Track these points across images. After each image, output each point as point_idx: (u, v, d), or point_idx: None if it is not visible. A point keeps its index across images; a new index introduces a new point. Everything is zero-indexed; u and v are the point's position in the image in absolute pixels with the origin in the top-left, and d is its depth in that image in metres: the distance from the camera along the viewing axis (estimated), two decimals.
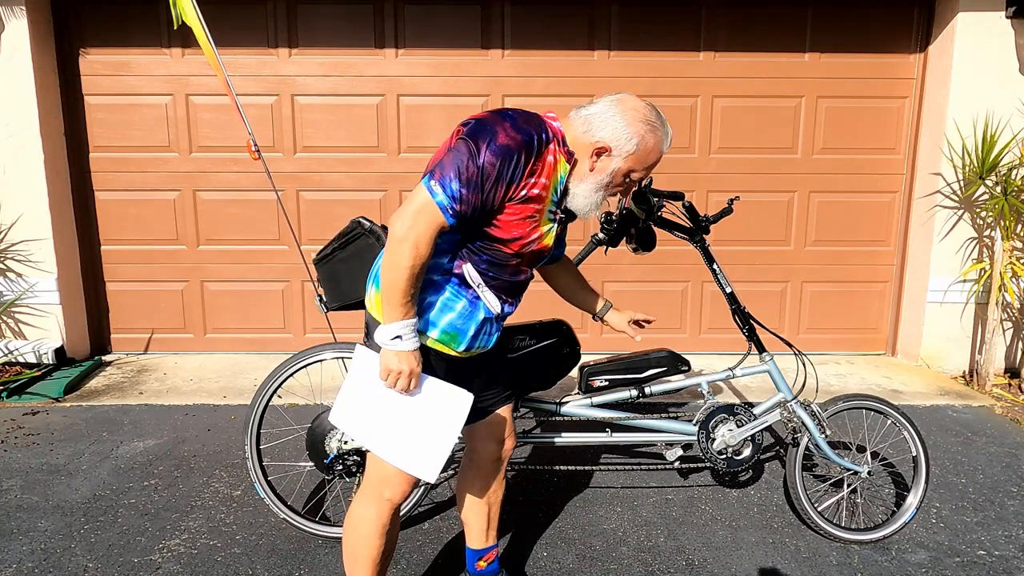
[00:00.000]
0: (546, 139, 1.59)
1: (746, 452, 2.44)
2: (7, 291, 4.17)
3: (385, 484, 1.74)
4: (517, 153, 1.52)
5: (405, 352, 1.58)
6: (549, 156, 1.60)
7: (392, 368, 1.59)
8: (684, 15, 4.29)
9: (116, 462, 3.03)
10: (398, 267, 1.52)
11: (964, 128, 4.14)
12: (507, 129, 1.53)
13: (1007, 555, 2.41)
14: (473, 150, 1.51)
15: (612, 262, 4.48)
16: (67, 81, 4.24)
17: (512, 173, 1.52)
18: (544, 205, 1.63)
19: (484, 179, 1.50)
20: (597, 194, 1.69)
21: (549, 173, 1.60)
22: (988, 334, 4.09)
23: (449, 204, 1.50)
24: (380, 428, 1.66)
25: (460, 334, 1.69)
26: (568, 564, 2.34)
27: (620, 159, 1.65)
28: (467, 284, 1.66)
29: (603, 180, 1.66)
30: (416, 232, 1.51)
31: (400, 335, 1.56)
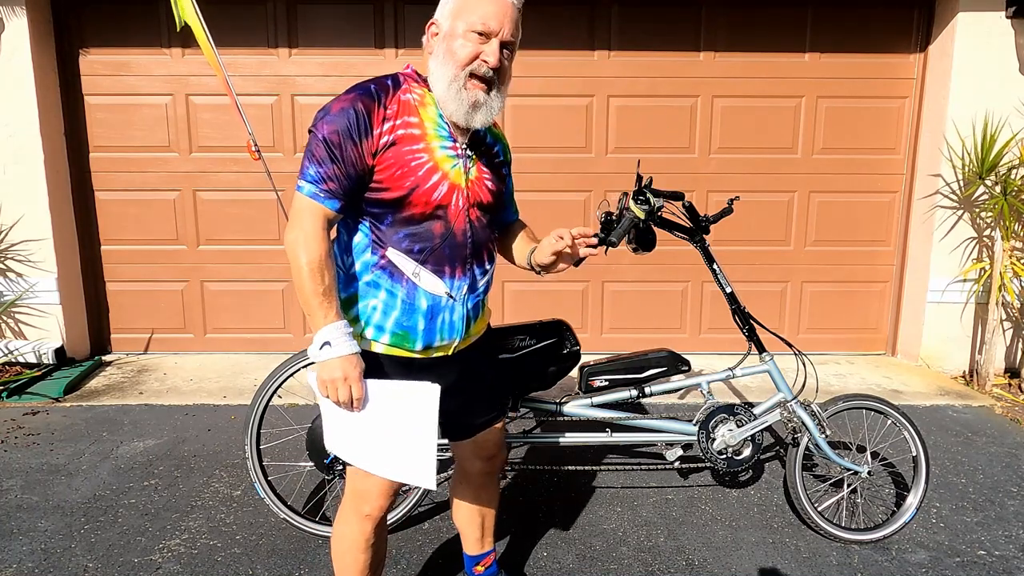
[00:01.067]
0: (391, 83, 1.52)
1: (746, 452, 2.44)
2: (7, 291, 4.17)
3: (362, 500, 1.66)
4: (352, 107, 1.46)
5: (337, 358, 1.46)
6: (405, 95, 1.52)
7: (326, 379, 1.48)
8: (684, 15, 4.29)
9: (116, 462, 3.03)
10: (298, 271, 1.45)
11: (964, 128, 4.14)
12: (340, 98, 1.49)
13: (1007, 555, 2.41)
14: (315, 132, 1.47)
15: (612, 262, 4.48)
16: (67, 81, 4.24)
17: (358, 126, 1.45)
18: (428, 143, 1.51)
19: (333, 148, 1.44)
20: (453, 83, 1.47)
21: (413, 111, 1.51)
22: (988, 334, 4.09)
23: (317, 188, 1.45)
24: (361, 445, 1.57)
25: (410, 331, 1.57)
26: (568, 564, 2.34)
27: (446, 20, 1.49)
28: (399, 274, 1.54)
29: (441, 55, 1.48)
30: (301, 230, 1.46)
31: (328, 341, 1.46)
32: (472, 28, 1.46)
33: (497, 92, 1.53)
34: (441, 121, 1.54)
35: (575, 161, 4.42)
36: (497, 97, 1.53)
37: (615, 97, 4.36)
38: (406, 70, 1.59)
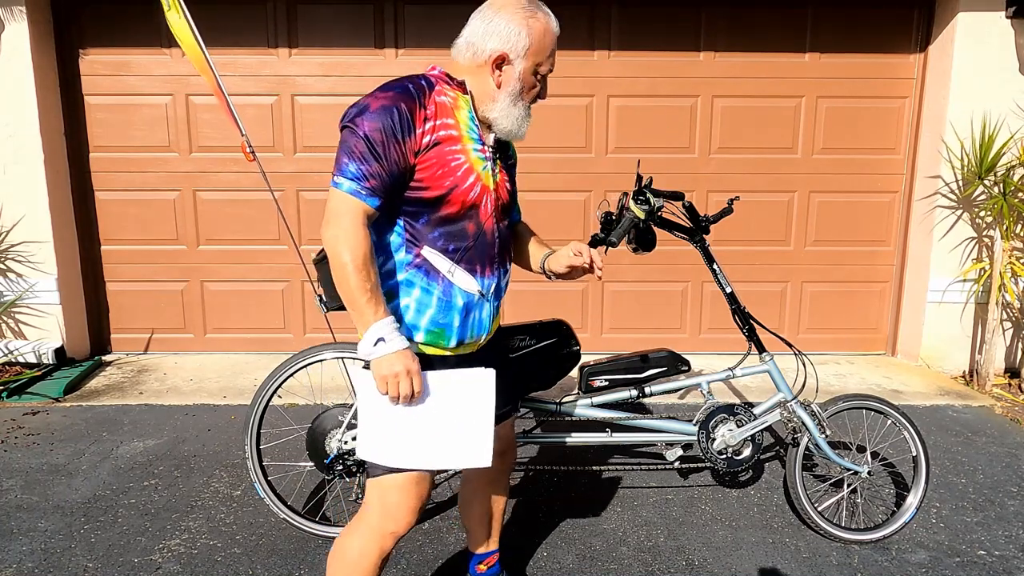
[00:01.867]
0: (426, 84, 1.52)
1: (746, 452, 2.44)
2: (7, 291, 4.17)
3: (390, 517, 1.61)
4: (395, 107, 1.45)
5: (395, 353, 1.46)
6: (439, 97, 1.53)
7: (387, 374, 1.46)
8: (684, 15, 4.30)
9: (116, 462, 3.03)
10: (341, 268, 1.44)
11: (963, 128, 4.14)
12: (377, 96, 1.48)
13: (1007, 555, 2.41)
14: (352, 129, 1.46)
15: (612, 262, 4.48)
16: (67, 81, 4.24)
17: (401, 126, 1.45)
18: (464, 145, 1.55)
19: (375, 145, 1.44)
20: (516, 106, 1.60)
21: (449, 113, 1.53)
22: (988, 334, 4.09)
23: (358, 185, 1.44)
24: (414, 442, 1.55)
25: (446, 328, 1.59)
26: (568, 564, 2.34)
27: (520, 60, 1.57)
28: (435, 272, 1.56)
29: (515, 88, 1.58)
30: (341, 227, 1.44)
31: (382, 337, 1.45)
32: (542, 72, 1.62)
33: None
34: (472, 124, 1.58)
35: (575, 161, 4.42)
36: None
37: (615, 97, 4.36)
38: (433, 71, 1.60)
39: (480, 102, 1.59)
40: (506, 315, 4.59)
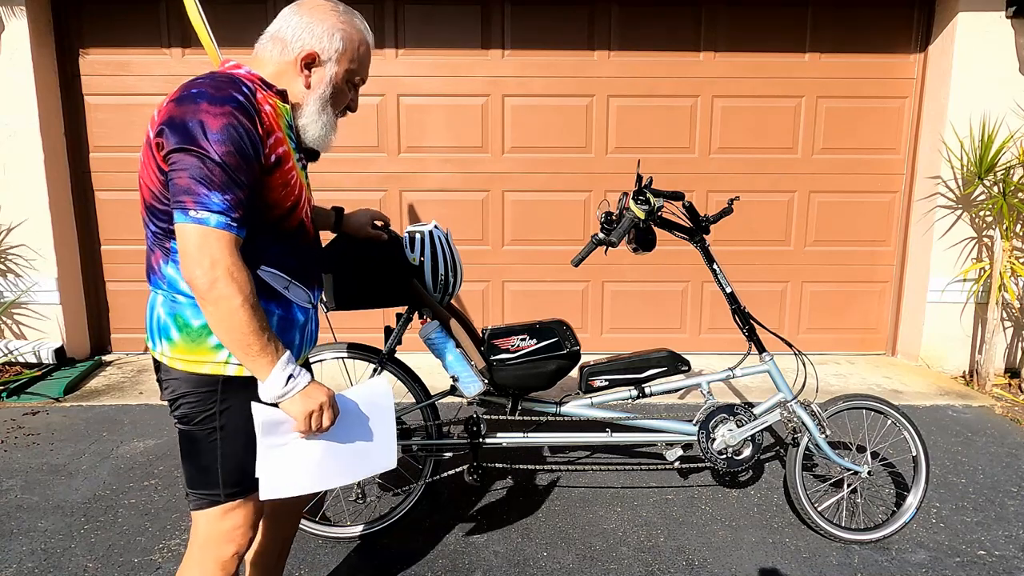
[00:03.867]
0: (250, 91, 1.37)
1: (746, 452, 2.44)
2: (7, 291, 4.17)
3: (226, 540, 1.49)
4: (240, 125, 1.30)
5: (309, 386, 1.38)
6: (266, 105, 1.39)
7: (311, 410, 1.38)
8: (684, 15, 4.30)
9: (116, 462, 3.03)
10: (232, 311, 1.28)
11: (963, 128, 4.14)
12: (208, 110, 1.28)
13: (1007, 555, 2.41)
14: (198, 152, 1.27)
15: (612, 262, 4.48)
16: (67, 81, 4.24)
17: (252, 146, 1.32)
18: (293, 159, 1.45)
19: (234, 171, 1.29)
20: (325, 113, 1.51)
21: (276, 124, 1.40)
22: (988, 334, 4.09)
23: (227, 218, 1.28)
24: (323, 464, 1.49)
25: (290, 347, 1.51)
26: (568, 564, 2.34)
27: (332, 63, 1.49)
28: (272, 292, 1.46)
29: (324, 93, 1.50)
30: (222, 266, 1.27)
31: (291, 374, 1.35)
32: (353, 80, 1.55)
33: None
34: (291, 132, 1.48)
35: (575, 161, 4.42)
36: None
37: (615, 97, 4.36)
38: (239, 71, 1.45)
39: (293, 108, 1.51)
40: (506, 315, 4.59)
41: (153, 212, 1.38)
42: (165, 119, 1.30)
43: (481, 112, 4.34)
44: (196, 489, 1.48)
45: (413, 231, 2.24)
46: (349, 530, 2.46)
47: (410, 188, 4.42)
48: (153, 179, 1.35)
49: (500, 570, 2.29)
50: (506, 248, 4.51)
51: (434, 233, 2.25)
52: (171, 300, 1.42)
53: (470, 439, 2.42)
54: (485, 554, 2.38)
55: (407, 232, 2.25)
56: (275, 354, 1.34)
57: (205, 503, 1.48)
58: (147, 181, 1.37)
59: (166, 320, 1.43)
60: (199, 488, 1.48)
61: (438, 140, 4.38)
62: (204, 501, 1.48)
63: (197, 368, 1.42)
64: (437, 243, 2.23)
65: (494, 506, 2.70)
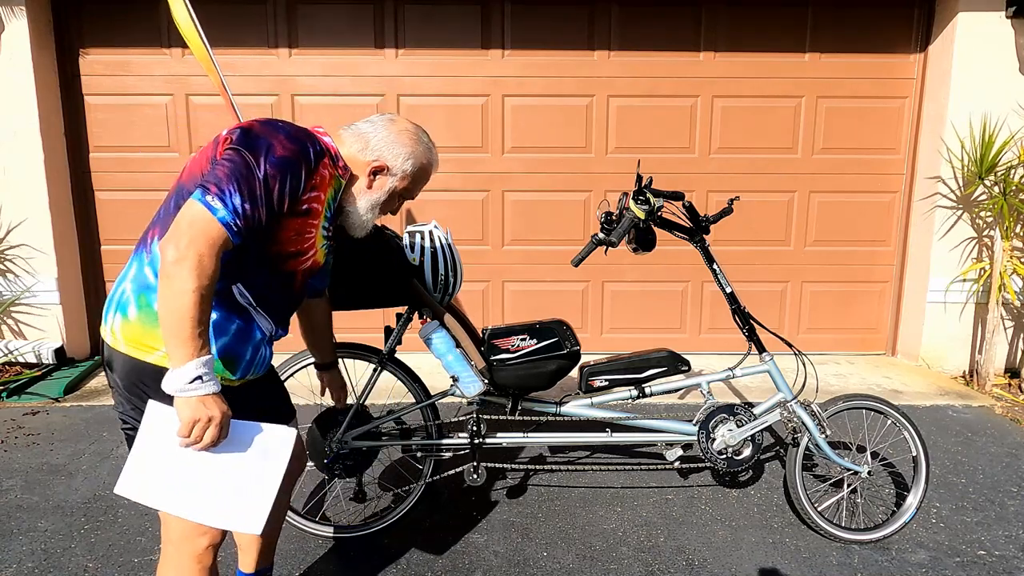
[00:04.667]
0: (320, 151, 1.51)
1: (746, 452, 2.44)
2: (7, 291, 4.17)
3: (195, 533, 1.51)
4: (296, 164, 1.43)
5: (211, 396, 1.34)
6: (324, 170, 1.52)
7: (198, 417, 1.33)
8: (684, 15, 4.30)
9: (116, 462, 3.03)
10: (182, 292, 1.28)
11: (963, 128, 4.14)
12: (282, 141, 1.43)
13: (1007, 555, 2.41)
14: (251, 161, 1.38)
15: (612, 262, 4.48)
16: (67, 81, 4.24)
17: (293, 186, 1.43)
18: (319, 220, 1.55)
19: (267, 192, 1.38)
20: (371, 212, 1.68)
21: (325, 187, 1.54)
22: (988, 334, 4.09)
23: (232, 220, 1.34)
24: (188, 488, 1.40)
25: (238, 359, 1.52)
26: (568, 564, 2.34)
27: (397, 178, 1.67)
28: (238, 307, 1.50)
29: (379, 198, 1.67)
30: (197, 250, 1.30)
31: (200, 375, 1.32)
32: (406, 196, 1.73)
33: None
34: (331, 204, 1.60)
35: (575, 161, 4.42)
36: None
37: (615, 97, 4.36)
38: (323, 136, 1.58)
39: (346, 192, 1.64)
40: (506, 315, 4.59)
41: (181, 191, 1.45)
42: (246, 126, 1.44)
43: (481, 112, 4.34)
44: None
45: (413, 231, 2.25)
46: (349, 530, 2.46)
47: None
48: (205, 165, 1.44)
49: (500, 570, 2.29)
50: (506, 248, 4.51)
51: (434, 233, 2.25)
52: (143, 276, 1.44)
53: (470, 439, 2.42)
54: (485, 554, 2.38)
55: (407, 232, 2.25)
56: (197, 350, 1.32)
57: None
58: (195, 169, 1.46)
59: (130, 295, 1.44)
60: None
61: (438, 140, 4.35)
62: None
63: (143, 355, 1.43)
64: (437, 243, 2.24)
65: (494, 506, 2.70)
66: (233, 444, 1.42)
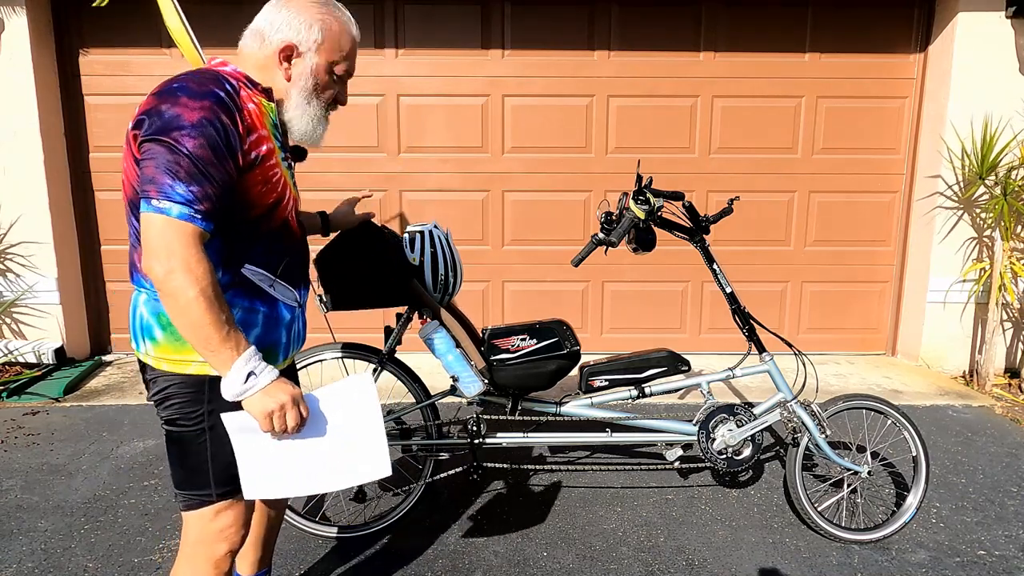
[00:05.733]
0: (232, 87, 1.36)
1: (746, 452, 2.44)
2: (7, 291, 4.17)
3: (217, 540, 1.49)
4: (217, 120, 1.29)
5: (272, 384, 1.31)
6: (250, 104, 1.39)
7: (272, 409, 1.31)
8: (684, 15, 4.30)
9: (116, 462, 3.03)
10: (188, 303, 1.24)
11: (964, 128, 4.14)
12: (187, 103, 1.28)
13: (1007, 555, 2.41)
14: (169, 143, 1.26)
15: (612, 262, 4.48)
16: (67, 81, 4.24)
17: (227, 143, 1.30)
18: (275, 157, 1.44)
19: (204, 164, 1.27)
20: (311, 106, 1.50)
21: (262, 121, 1.41)
22: (988, 334, 4.09)
23: (190, 209, 1.26)
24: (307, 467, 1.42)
25: (274, 347, 1.50)
26: (568, 564, 2.34)
27: (312, 54, 1.47)
28: (257, 290, 1.45)
29: (306, 86, 1.48)
30: (178, 257, 1.24)
31: (252, 371, 1.29)
32: (339, 73, 1.53)
33: None
34: (276, 132, 1.48)
35: (575, 161, 4.42)
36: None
37: (615, 97, 4.36)
38: (224, 68, 1.45)
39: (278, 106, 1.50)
40: (506, 315, 4.59)
41: (134, 208, 1.36)
42: (144, 110, 1.30)
43: (481, 112, 4.34)
44: (186, 490, 1.47)
45: (413, 231, 2.25)
46: (349, 530, 2.46)
47: (410, 188, 4.42)
48: (132, 173, 1.34)
49: (500, 570, 2.29)
50: (506, 248, 4.51)
51: (434, 233, 2.25)
52: (154, 298, 1.41)
53: (470, 439, 2.42)
54: (485, 554, 2.38)
55: (407, 232, 2.25)
56: (235, 350, 1.28)
57: (196, 503, 1.46)
58: (128, 176, 1.37)
59: (149, 319, 1.41)
60: (189, 489, 1.46)
61: (438, 140, 4.38)
62: (195, 501, 1.46)
63: (182, 368, 1.40)
64: (437, 243, 2.24)
65: (494, 506, 2.70)
66: (320, 413, 1.42)
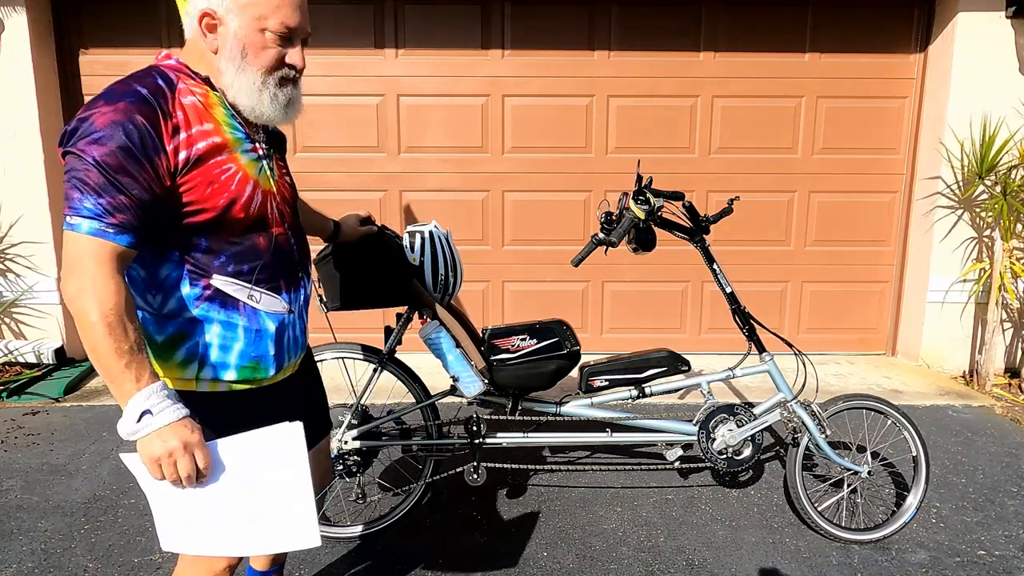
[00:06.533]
0: (164, 84, 1.26)
1: (746, 452, 2.44)
2: (7, 291, 4.17)
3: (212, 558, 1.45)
4: (128, 121, 1.18)
5: (165, 427, 1.17)
6: (185, 98, 1.27)
7: (159, 455, 1.17)
8: (684, 15, 4.29)
9: (116, 462, 3.03)
10: (89, 327, 1.14)
11: (963, 128, 4.14)
12: (101, 109, 1.19)
13: (1007, 555, 2.41)
14: (79, 153, 1.16)
15: (612, 262, 4.48)
16: (67, 81, 4.24)
17: (142, 144, 1.18)
18: (231, 152, 1.31)
19: (112, 173, 1.16)
20: (246, 74, 1.32)
21: (205, 116, 1.28)
22: (988, 334, 4.09)
23: (100, 223, 1.16)
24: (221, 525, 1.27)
25: (261, 360, 1.39)
26: (568, 564, 2.34)
27: (232, 15, 1.28)
28: (234, 301, 1.34)
29: (233, 51, 1.30)
30: (86, 277, 1.15)
31: (147, 410, 1.16)
32: (271, 30, 1.30)
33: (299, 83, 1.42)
34: (233, 122, 1.34)
35: (575, 161, 4.42)
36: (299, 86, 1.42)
37: (615, 97, 4.36)
38: (168, 61, 1.34)
39: (217, 84, 1.34)
40: (506, 315, 4.59)
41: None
42: (69, 125, 1.21)
43: (481, 112, 4.34)
44: None
45: (413, 231, 2.25)
46: (349, 530, 2.46)
47: (410, 188, 4.42)
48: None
49: (500, 570, 2.29)
50: (506, 248, 4.51)
51: (434, 233, 2.25)
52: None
53: (470, 439, 2.42)
54: (485, 554, 2.38)
55: (407, 232, 2.25)
56: (136, 384, 1.16)
57: None
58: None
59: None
60: None
61: (438, 140, 4.37)
62: None
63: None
64: (437, 243, 2.24)
65: (494, 506, 2.70)
66: (231, 463, 1.26)
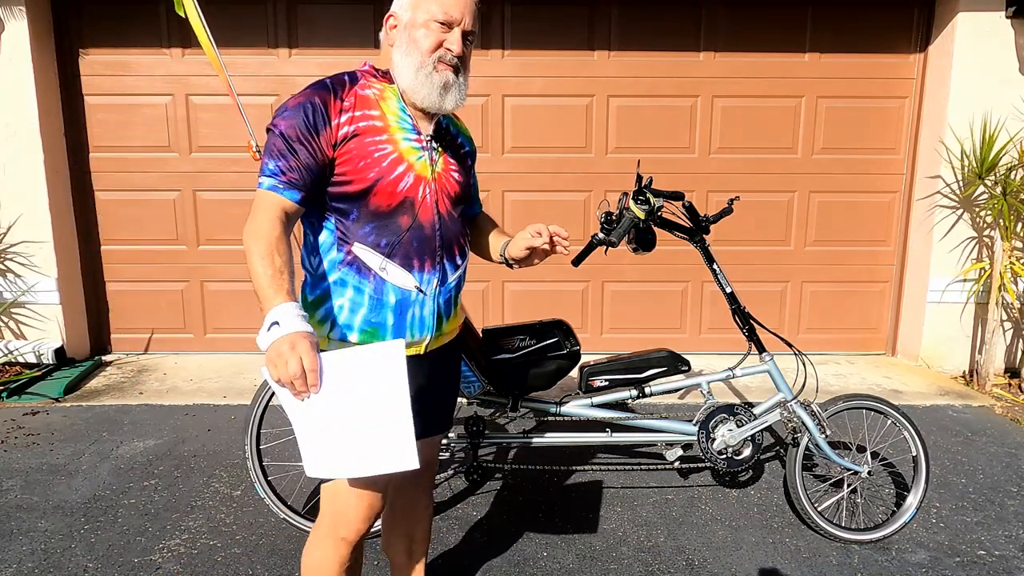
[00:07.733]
0: (348, 79, 1.53)
1: (746, 452, 2.44)
2: (7, 291, 4.17)
3: (339, 522, 1.60)
4: (309, 101, 1.46)
5: (285, 335, 1.28)
6: (363, 91, 1.52)
7: (273, 355, 1.28)
8: (684, 15, 4.29)
9: (116, 462, 3.03)
10: (248, 252, 1.38)
11: (963, 128, 4.14)
12: (295, 95, 1.50)
13: (1007, 555, 2.41)
14: (271, 129, 1.48)
15: (612, 262, 4.48)
16: (67, 81, 4.24)
17: (315, 118, 1.45)
18: (391, 135, 1.51)
19: (291, 141, 1.44)
20: (412, 58, 1.49)
21: (372, 105, 1.51)
22: (988, 334, 4.09)
23: (275, 180, 1.43)
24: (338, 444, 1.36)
25: (379, 327, 1.53)
26: (568, 564, 2.34)
27: (406, 13, 1.50)
28: (367, 269, 1.51)
29: (405, 46, 1.50)
30: (256, 221, 1.40)
31: (276, 321, 1.29)
32: (434, 18, 1.48)
33: (463, 77, 1.56)
34: (404, 114, 1.55)
35: (575, 161, 4.42)
36: (464, 82, 1.56)
37: (615, 97, 4.36)
38: (363, 67, 1.60)
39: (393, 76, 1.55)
40: (506, 315, 4.59)
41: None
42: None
43: (481, 112, 4.34)
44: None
45: None
46: None
47: None
48: None
49: (500, 570, 2.29)
50: None
51: None
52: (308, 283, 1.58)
53: (470, 439, 2.42)
54: (485, 554, 2.38)
55: None
56: (274, 299, 1.32)
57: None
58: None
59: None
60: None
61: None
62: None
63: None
64: None
65: (494, 506, 2.70)
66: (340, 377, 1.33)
